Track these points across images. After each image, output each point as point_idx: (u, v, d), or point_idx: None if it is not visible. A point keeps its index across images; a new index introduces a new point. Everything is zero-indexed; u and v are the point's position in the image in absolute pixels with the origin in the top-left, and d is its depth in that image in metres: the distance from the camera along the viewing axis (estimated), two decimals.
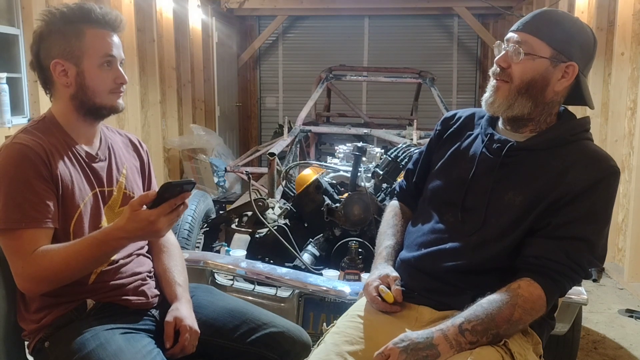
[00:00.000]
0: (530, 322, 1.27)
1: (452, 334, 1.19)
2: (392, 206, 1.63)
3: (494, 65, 1.35)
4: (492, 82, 1.36)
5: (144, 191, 1.55)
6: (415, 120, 4.69)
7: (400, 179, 1.75)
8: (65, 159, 1.35)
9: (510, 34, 1.33)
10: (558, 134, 1.34)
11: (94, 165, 1.42)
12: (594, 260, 1.27)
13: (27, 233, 1.26)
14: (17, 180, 1.27)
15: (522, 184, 1.31)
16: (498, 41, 1.37)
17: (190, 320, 1.41)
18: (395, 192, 1.67)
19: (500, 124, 1.42)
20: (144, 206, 1.23)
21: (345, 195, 2.55)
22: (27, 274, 1.26)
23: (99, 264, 1.35)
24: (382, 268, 1.42)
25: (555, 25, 1.30)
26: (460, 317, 1.22)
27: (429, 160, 1.54)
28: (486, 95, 1.37)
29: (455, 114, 1.54)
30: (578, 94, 1.36)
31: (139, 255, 1.49)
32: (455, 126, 1.50)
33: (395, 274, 1.40)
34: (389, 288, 1.36)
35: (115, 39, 1.39)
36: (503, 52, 1.33)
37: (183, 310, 1.42)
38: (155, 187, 1.61)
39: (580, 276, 1.28)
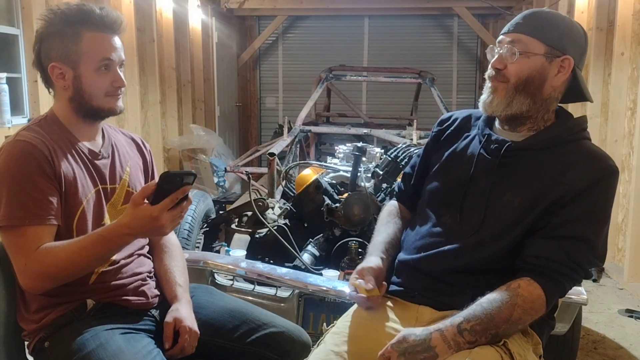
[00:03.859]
0: (529, 322, 1.27)
1: (451, 334, 1.19)
2: (389, 205, 1.63)
3: (489, 69, 1.36)
4: (488, 85, 1.36)
5: None
6: (415, 120, 4.69)
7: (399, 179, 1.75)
8: (68, 156, 1.36)
9: (502, 37, 1.35)
10: (556, 134, 1.34)
11: (96, 162, 1.42)
12: (594, 260, 1.27)
13: (31, 230, 1.26)
14: (20, 177, 1.26)
15: (521, 185, 1.31)
16: (490, 46, 1.38)
17: (190, 321, 1.41)
18: (394, 192, 1.67)
19: (497, 124, 1.42)
20: (146, 201, 1.23)
21: (345, 195, 2.55)
22: (30, 271, 1.26)
23: (103, 261, 1.35)
24: (365, 262, 1.42)
25: (545, 22, 1.32)
26: (459, 317, 1.22)
27: (427, 162, 1.53)
28: (483, 97, 1.37)
29: (451, 116, 1.54)
30: (576, 90, 1.37)
31: (140, 255, 1.49)
32: (452, 128, 1.51)
33: (371, 264, 1.39)
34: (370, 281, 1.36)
35: (115, 41, 1.38)
36: (497, 55, 1.34)
37: (183, 311, 1.42)
38: None
39: (581, 276, 1.28)
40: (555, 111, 1.39)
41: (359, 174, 2.58)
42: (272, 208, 2.64)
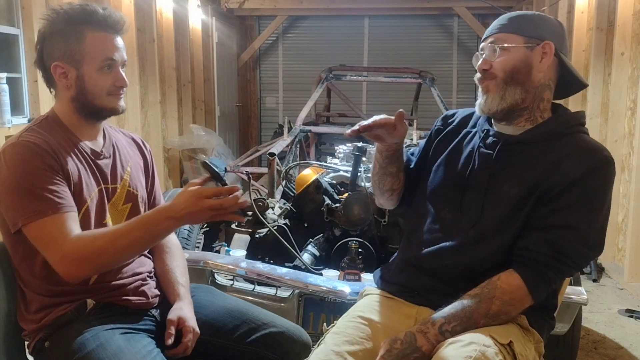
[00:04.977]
0: (515, 312, 1.27)
1: (433, 335, 1.23)
2: None
3: (477, 72, 1.40)
4: (480, 89, 1.40)
5: (147, 190, 1.56)
6: (415, 120, 4.68)
7: None
8: (72, 155, 1.36)
9: (482, 44, 1.40)
10: (553, 127, 1.35)
11: (99, 162, 1.42)
12: (584, 250, 1.27)
13: (56, 219, 1.25)
14: (31, 173, 1.26)
15: (518, 176, 1.32)
16: (475, 53, 1.42)
17: (192, 321, 1.41)
18: None
19: (494, 120, 1.43)
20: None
21: (345, 195, 2.55)
22: (69, 256, 1.24)
23: (142, 248, 1.34)
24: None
25: (519, 19, 1.37)
26: (440, 317, 1.25)
27: (426, 154, 1.55)
28: (478, 100, 1.40)
29: (455, 113, 1.57)
30: (568, 79, 1.39)
31: (140, 255, 1.49)
32: (453, 124, 1.53)
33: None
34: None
35: (118, 41, 1.38)
36: (481, 59, 1.38)
37: (186, 311, 1.42)
38: (158, 186, 1.63)
39: (568, 265, 1.28)
40: (553, 106, 1.40)
41: (359, 174, 2.58)
42: (272, 208, 2.64)
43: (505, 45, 1.34)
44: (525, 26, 1.35)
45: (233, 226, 2.61)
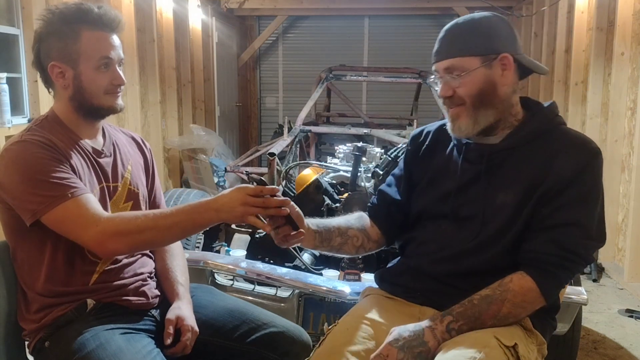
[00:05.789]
0: (525, 315, 1.28)
1: (440, 332, 1.23)
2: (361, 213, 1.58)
3: (441, 98, 1.37)
4: (448, 113, 1.37)
5: (147, 188, 1.56)
6: (415, 120, 4.69)
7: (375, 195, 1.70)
8: (74, 152, 1.36)
9: (435, 66, 1.36)
10: (533, 128, 1.35)
11: (100, 160, 1.43)
12: (589, 243, 1.28)
13: (78, 201, 1.26)
14: (39, 165, 1.27)
15: (510, 182, 1.32)
16: (432, 76, 1.38)
17: (191, 320, 1.41)
18: (368, 207, 1.60)
19: None
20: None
21: (345, 195, 2.55)
22: (107, 231, 1.24)
23: (183, 232, 1.33)
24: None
25: (464, 35, 1.32)
26: (449, 315, 1.25)
27: (409, 178, 1.52)
28: (449, 124, 1.38)
29: (423, 131, 1.54)
30: (525, 69, 1.38)
31: (143, 255, 1.50)
32: (427, 142, 1.50)
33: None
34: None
35: (114, 39, 1.39)
36: (441, 84, 1.35)
37: (185, 310, 1.43)
38: (159, 185, 1.63)
39: (578, 263, 1.28)
40: (522, 102, 1.39)
41: (359, 174, 2.58)
42: None
43: (463, 71, 1.30)
44: (475, 43, 1.31)
45: (233, 226, 2.61)
